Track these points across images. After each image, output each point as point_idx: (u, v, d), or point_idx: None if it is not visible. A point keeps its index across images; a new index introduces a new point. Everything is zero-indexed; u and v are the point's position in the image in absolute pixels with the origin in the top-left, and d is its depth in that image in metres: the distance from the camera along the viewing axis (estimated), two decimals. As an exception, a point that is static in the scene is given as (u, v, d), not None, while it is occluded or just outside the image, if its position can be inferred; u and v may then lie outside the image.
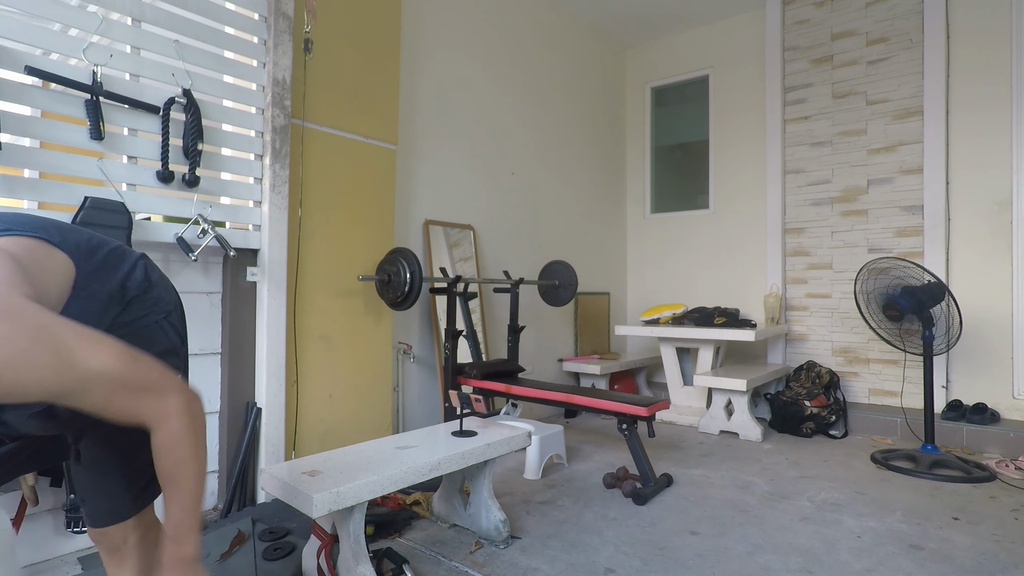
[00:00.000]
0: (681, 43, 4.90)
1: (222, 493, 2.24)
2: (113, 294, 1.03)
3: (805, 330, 4.11)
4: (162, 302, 1.14)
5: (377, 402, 2.76)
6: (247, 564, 1.79)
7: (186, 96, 2.04)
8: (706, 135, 4.75)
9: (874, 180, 3.86)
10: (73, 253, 0.98)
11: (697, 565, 1.86)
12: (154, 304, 1.12)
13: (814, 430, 3.54)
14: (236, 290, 2.27)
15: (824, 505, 2.39)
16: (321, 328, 2.53)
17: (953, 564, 1.87)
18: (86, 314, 0.98)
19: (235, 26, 2.24)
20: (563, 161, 4.43)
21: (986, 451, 3.17)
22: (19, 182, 1.73)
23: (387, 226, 2.85)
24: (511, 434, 2.07)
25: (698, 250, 4.75)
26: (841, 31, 4.01)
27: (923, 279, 3.00)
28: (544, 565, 1.86)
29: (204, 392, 2.21)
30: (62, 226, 1.02)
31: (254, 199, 2.31)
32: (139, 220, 1.94)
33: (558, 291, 3.76)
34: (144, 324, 1.10)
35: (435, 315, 3.28)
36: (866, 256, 3.84)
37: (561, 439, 2.90)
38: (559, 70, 4.39)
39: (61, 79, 1.78)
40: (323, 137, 2.55)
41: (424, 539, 2.04)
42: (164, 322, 1.14)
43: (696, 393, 3.99)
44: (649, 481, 2.50)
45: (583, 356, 4.42)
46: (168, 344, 1.13)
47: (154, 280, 1.14)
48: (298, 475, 1.59)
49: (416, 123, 3.27)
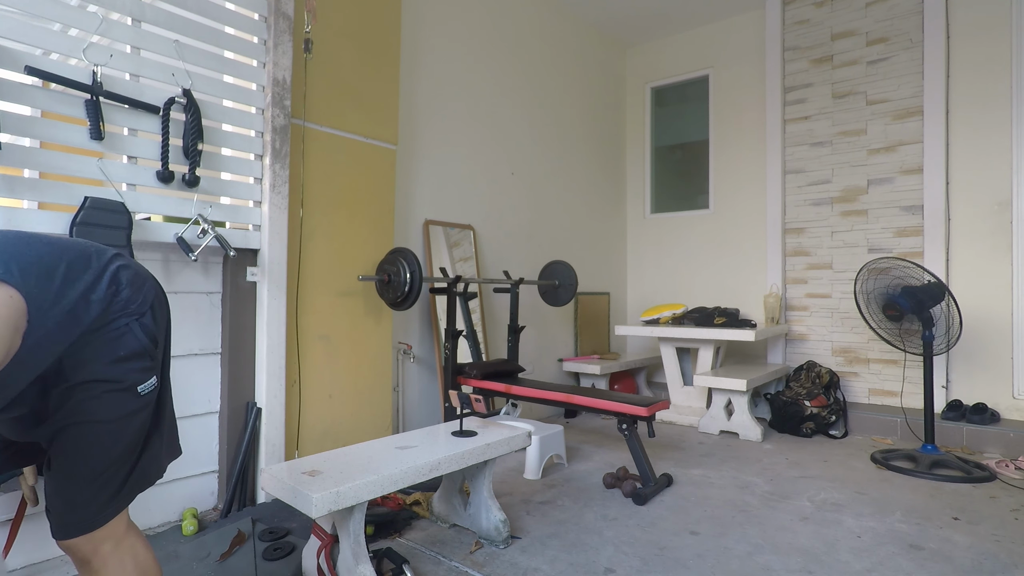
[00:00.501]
0: (681, 43, 4.90)
1: (222, 493, 2.24)
2: (75, 309, 1.02)
3: (805, 330, 4.11)
4: (133, 303, 1.12)
5: (377, 402, 2.76)
6: (247, 564, 1.79)
7: (186, 96, 2.04)
8: (706, 135, 4.75)
9: (874, 180, 3.86)
10: (20, 284, 0.95)
11: (697, 565, 1.86)
12: (123, 307, 1.10)
13: (814, 430, 3.54)
14: (236, 290, 2.26)
15: (824, 505, 2.39)
16: (321, 328, 2.53)
17: (953, 564, 1.87)
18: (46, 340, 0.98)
19: (235, 26, 2.24)
20: (563, 161, 4.43)
21: (986, 451, 3.17)
22: (19, 182, 1.73)
23: (387, 226, 2.85)
24: (511, 434, 2.07)
25: (698, 250, 4.75)
26: (841, 31, 4.01)
27: (923, 279, 3.00)
28: (544, 565, 1.86)
29: (204, 392, 2.21)
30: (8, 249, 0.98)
31: (254, 199, 2.31)
32: (139, 220, 1.94)
33: (558, 291, 3.76)
34: (111, 329, 1.08)
35: (435, 315, 3.28)
36: (866, 256, 3.84)
37: (561, 439, 2.90)
38: (559, 70, 4.39)
39: (61, 79, 1.78)
40: (323, 137, 2.55)
41: (424, 539, 2.04)
42: (135, 324, 1.11)
43: (696, 393, 3.99)
44: (649, 481, 2.50)
45: (583, 356, 4.42)
46: (136, 347, 1.11)
47: (123, 283, 1.11)
48: (298, 475, 1.59)
49: (416, 123, 3.27)
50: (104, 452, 1.09)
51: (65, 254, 1.05)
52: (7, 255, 0.97)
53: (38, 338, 0.96)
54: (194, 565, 1.78)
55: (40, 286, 0.98)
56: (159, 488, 1.99)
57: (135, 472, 1.15)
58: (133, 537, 1.19)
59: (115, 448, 1.11)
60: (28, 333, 0.95)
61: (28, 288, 0.96)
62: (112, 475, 1.11)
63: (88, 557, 1.12)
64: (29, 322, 0.95)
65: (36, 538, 1.77)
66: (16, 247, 1.00)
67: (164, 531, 2.03)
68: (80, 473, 1.09)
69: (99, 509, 1.11)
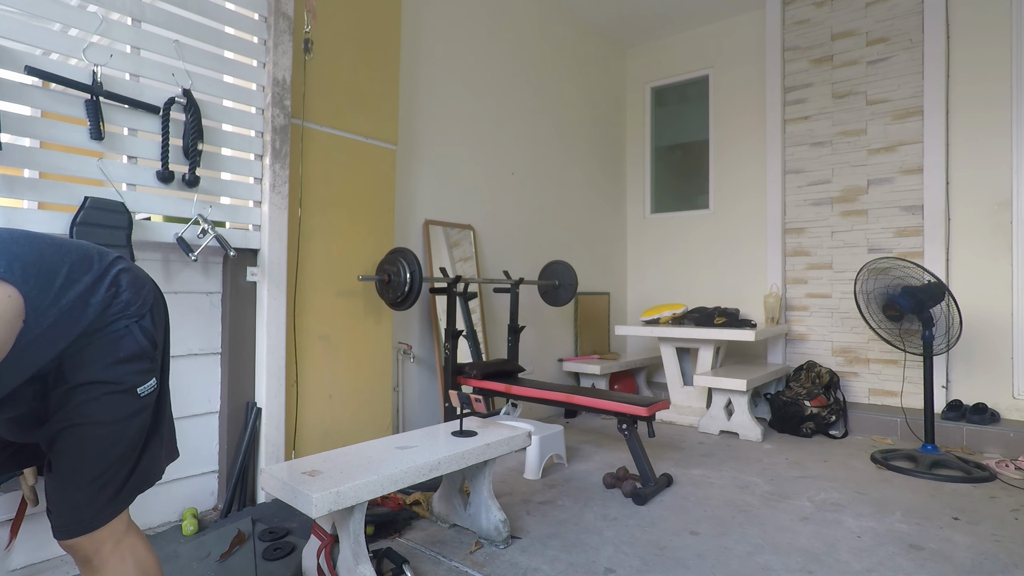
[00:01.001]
0: (681, 43, 4.90)
1: (222, 493, 2.24)
2: (72, 311, 1.02)
3: (805, 330, 4.11)
4: (133, 306, 1.12)
5: (377, 402, 2.76)
6: (247, 564, 1.79)
7: (186, 96, 2.04)
8: (706, 135, 4.75)
9: (874, 180, 3.86)
10: (21, 283, 0.94)
11: (697, 565, 1.86)
12: (123, 309, 1.10)
13: (814, 430, 3.54)
14: (236, 290, 2.26)
15: (824, 505, 2.39)
16: (321, 328, 2.53)
17: (953, 564, 1.87)
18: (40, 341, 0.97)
19: (235, 26, 2.24)
20: (563, 161, 4.43)
21: (986, 451, 3.17)
22: (19, 182, 1.73)
23: (387, 226, 2.85)
24: (511, 434, 2.07)
25: (698, 250, 4.75)
26: (841, 31, 4.01)
27: (923, 279, 3.00)
28: (544, 565, 1.86)
29: (204, 392, 2.21)
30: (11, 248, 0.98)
31: (254, 199, 2.31)
32: (139, 220, 1.94)
33: (558, 291, 3.76)
34: (111, 331, 1.08)
35: (435, 315, 3.28)
36: (866, 256, 3.84)
37: (561, 439, 2.90)
38: (559, 70, 4.39)
39: (61, 79, 1.77)
40: (323, 137, 2.55)
41: (424, 539, 2.04)
42: (135, 326, 1.12)
43: (696, 393, 3.99)
44: (649, 481, 2.50)
45: (583, 356, 4.42)
46: (136, 349, 1.11)
47: (123, 285, 1.11)
48: (298, 475, 1.59)
49: (416, 123, 3.27)
50: (104, 453, 1.09)
51: (68, 256, 1.05)
52: (10, 253, 0.97)
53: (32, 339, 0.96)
54: (194, 565, 1.78)
55: (40, 287, 0.98)
56: (159, 488, 1.99)
57: (135, 473, 1.16)
58: (134, 536, 1.19)
59: (115, 449, 1.11)
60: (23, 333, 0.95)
61: (28, 288, 0.96)
62: (112, 476, 1.11)
63: (89, 556, 1.13)
64: (25, 322, 0.95)
65: (36, 538, 1.77)
66: (20, 246, 1.00)
67: (164, 531, 2.03)
68: (81, 474, 1.09)
69: (100, 509, 1.11)
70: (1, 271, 0.93)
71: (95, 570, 1.14)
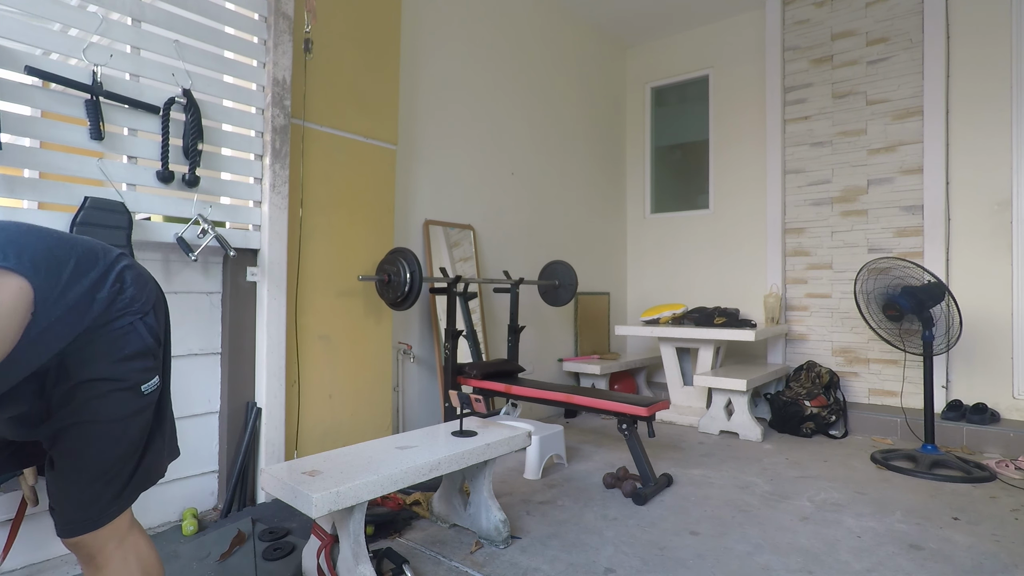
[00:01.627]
0: (681, 43, 4.90)
1: (222, 493, 2.24)
2: (78, 305, 1.01)
3: (805, 330, 4.11)
4: (137, 302, 1.12)
5: (377, 402, 2.76)
6: (247, 564, 1.79)
7: (186, 96, 2.04)
8: (706, 135, 4.75)
9: (874, 180, 3.86)
10: (32, 276, 0.94)
11: (697, 565, 1.86)
12: (128, 305, 1.10)
13: (814, 430, 3.54)
14: (236, 290, 2.26)
15: (824, 505, 2.39)
16: (321, 328, 2.53)
17: (953, 564, 1.87)
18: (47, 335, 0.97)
19: (235, 26, 2.24)
20: (563, 161, 4.43)
21: (986, 451, 3.17)
22: (19, 182, 1.73)
23: (387, 226, 2.85)
24: (511, 434, 2.07)
25: (698, 250, 4.75)
26: (841, 31, 4.01)
27: (923, 279, 3.00)
28: (544, 565, 1.86)
29: (204, 392, 2.21)
30: (20, 240, 0.98)
31: (254, 199, 2.31)
32: (139, 220, 1.94)
33: (558, 291, 3.76)
34: (115, 327, 1.08)
35: (435, 315, 3.28)
36: (866, 256, 3.84)
37: (561, 439, 2.90)
38: (559, 70, 4.39)
39: (61, 79, 1.78)
40: (323, 137, 2.55)
41: (424, 539, 2.04)
42: (139, 323, 1.11)
43: (696, 393, 3.99)
44: (649, 481, 2.50)
45: (583, 356, 4.42)
46: (141, 346, 1.11)
47: (128, 281, 1.11)
48: (298, 475, 1.59)
49: (416, 123, 3.27)
50: (108, 451, 1.09)
51: (74, 250, 1.05)
52: (19, 246, 0.96)
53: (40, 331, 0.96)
54: (194, 565, 1.78)
55: (49, 280, 0.97)
56: (159, 488, 1.99)
57: (139, 471, 1.16)
58: (136, 535, 1.19)
59: (119, 447, 1.11)
60: (31, 326, 0.94)
61: (39, 281, 0.95)
62: (116, 474, 1.11)
63: (93, 554, 1.13)
64: (34, 315, 0.94)
65: (36, 538, 1.77)
66: (28, 239, 0.99)
67: (164, 531, 2.03)
68: (84, 472, 1.09)
69: (103, 508, 1.11)
70: (12, 263, 0.93)
71: (98, 568, 1.14)
